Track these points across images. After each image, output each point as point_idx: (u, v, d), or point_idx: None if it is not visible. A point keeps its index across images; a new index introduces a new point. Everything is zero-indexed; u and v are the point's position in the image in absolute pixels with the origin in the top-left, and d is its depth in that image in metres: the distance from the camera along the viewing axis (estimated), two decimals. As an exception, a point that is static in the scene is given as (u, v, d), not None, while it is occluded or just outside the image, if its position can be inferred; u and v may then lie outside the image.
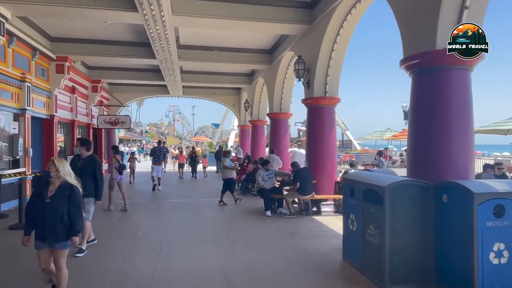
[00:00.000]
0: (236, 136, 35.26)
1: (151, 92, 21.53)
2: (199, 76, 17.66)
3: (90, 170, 5.64)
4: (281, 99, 13.42)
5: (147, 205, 10.16)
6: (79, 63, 14.84)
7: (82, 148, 5.86)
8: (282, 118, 13.62)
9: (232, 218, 8.45)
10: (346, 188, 5.21)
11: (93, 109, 17.71)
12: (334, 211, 8.90)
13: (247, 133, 22.55)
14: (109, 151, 20.63)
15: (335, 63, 8.90)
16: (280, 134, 13.59)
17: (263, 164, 9.23)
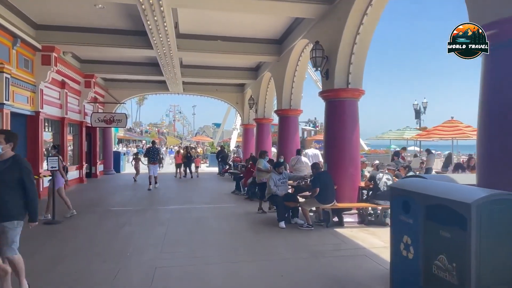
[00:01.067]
0: (239, 135, 33.97)
1: (150, 89, 20.30)
2: (200, 71, 16.41)
3: (13, 179, 3.76)
4: (290, 95, 12.17)
5: (142, 212, 8.91)
6: (70, 56, 13.60)
7: (3, 143, 3.81)
8: (292, 115, 12.36)
9: (240, 231, 7.19)
10: (397, 201, 3.96)
11: (87, 106, 16.46)
12: (358, 221, 7.65)
13: (250, 132, 21.32)
14: (105, 152, 19.47)
15: (360, 49, 7.64)
16: (290, 133, 12.33)
17: (276, 167, 7.97)
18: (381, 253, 5.55)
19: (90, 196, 11.74)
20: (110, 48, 11.68)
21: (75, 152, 15.24)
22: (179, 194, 12.22)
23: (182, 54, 12.46)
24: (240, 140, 37.85)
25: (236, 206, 9.91)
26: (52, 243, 6.24)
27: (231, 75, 16.86)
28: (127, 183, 15.62)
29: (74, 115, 14.77)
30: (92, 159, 17.44)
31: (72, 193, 12.45)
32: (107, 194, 12.21)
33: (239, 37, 11.92)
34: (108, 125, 16.80)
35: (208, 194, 12.13)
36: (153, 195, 12.04)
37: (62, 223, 7.63)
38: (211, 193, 12.41)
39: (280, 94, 12.34)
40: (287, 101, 12.23)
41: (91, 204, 10.15)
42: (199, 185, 14.86)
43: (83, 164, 15.46)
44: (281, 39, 11.92)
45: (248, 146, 20.98)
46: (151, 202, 10.61)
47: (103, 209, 9.39)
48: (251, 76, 16.88)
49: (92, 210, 9.16)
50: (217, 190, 13.20)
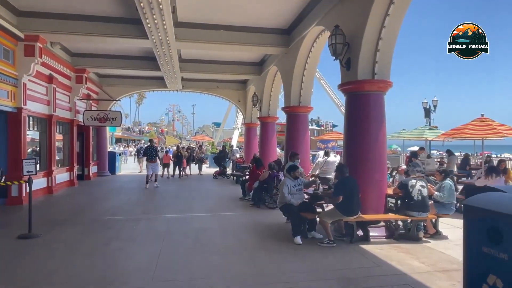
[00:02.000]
0: (240, 135, 32.83)
1: (147, 86, 19.17)
2: (200, 65, 15.28)
3: None
4: (300, 90, 11.04)
5: (134, 223, 7.78)
6: (58, 48, 12.45)
7: None
8: (301, 112, 11.24)
9: (248, 248, 6.06)
10: (477, 225, 2.85)
11: (78, 103, 15.34)
12: (385, 236, 6.53)
13: (253, 131, 20.23)
14: (99, 152, 18.33)
15: (389, 34, 6.53)
16: (299, 133, 11.21)
17: (290, 171, 6.82)
18: (429, 282, 4.44)
19: (78, 202, 10.62)
20: (101, 38, 10.54)
21: (65, 153, 14.11)
22: (178, 199, 11.09)
23: (180, 45, 11.34)
24: (242, 140, 36.72)
25: (241, 214, 8.78)
26: (20, 265, 5.12)
27: (233, 70, 15.72)
28: (121, 186, 14.50)
29: (64, 113, 13.64)
30: (84, 160, 16.32)
31: (60, 198, 11.36)
32: (97, 199, 11.08)
33: (244, 26, 10.81)
34: (101, 123, 15.68)
35: (211, 200, 11.00)
36: (149, 200, 10.92)
37: (40, 237, 6.51)
38: (214, 198, 11.28)
39: (288, 90, 11.21)
40: (296, 97, 11.11)
41: (77, 211, 9.02)
42: (200, 189, 13.73)
43: (74, 166, 14.33)
44: (290, 28, 10.79)
45: (251, 146, 19.86)
46: (146, 208, 9.48)
47: (90, 218, 8.26)
48: (254, 71, 15.74)
49: (77, 220, 8.03)
50: (219, 195, 12.07)
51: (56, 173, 12.46)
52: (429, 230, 6.67)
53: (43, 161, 11.96)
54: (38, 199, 10.72)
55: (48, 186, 12.00)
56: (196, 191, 13.07)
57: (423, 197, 6.29)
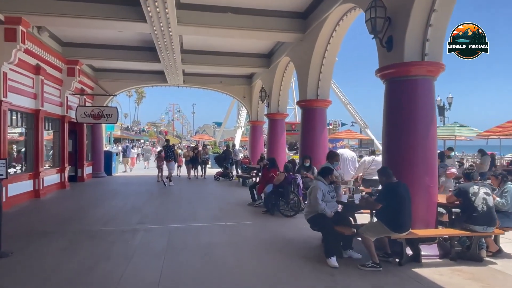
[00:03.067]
0: (243, 134, 31.59)
1: (146, 81, 17.89)
2: (203, 57, 14.00)
3: None
4: (318, 81, 9.79)
5: (130, 235, 6.52)
6: (47, 35, 11.19)
7: None
8: (320, 107, 9.97)
9: (271, 273, 4.80)
10: None
11: (71, 98, 14.07)
12: (439, 255, 5.27)
13: (259, 130, 18.97)
14: (95, 152, 17.07)
15: (444, 4, 5.26)
16: (316, 130, 9.94)
17: (325, 174, 5.52)
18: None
19: (67, 208, 9.35)
20: (93, 21, 9.24)
21: (55, 152, 12.85)
22: (179, 205, 9.82)
23: (183, 30, 10.07)
24: (246, 140, 35.38)
25: (254, 224, 7.52)
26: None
27: (240, 62, 14.43)
28: (117, 188, 13.24)
29: (54, 108, 12.37)
30: (78, 160, 15.06)
31: (47, 203, 10.10)
32: (89, 204, 9.82)
33: (254, 9, 9.57)
34: (96, 120, 14.43)
35: (216, 205, 9.73)
36: (147, 205, 9.65)
37: (11, 257, 5.23)
38: (220, 204, 10.01)
39: (304, 82, 9.95)
40: (313, 89, 9.85)
41: (64, 220, 7.75)
42: (203, 192, 12.46)
43: (65, 167, 13.05)
44: (308, 11, 9.53)
45: (256, 146, 18.60)
46: (143, 216, 8.21)
47: (78, 229, 6.99)
48: (262, 64, 14.46)
49: (61, 231, 6.76)
50: (225, 199, 10.80)
51: (44, 174, 11.20)
52: (491, 247, 5.42)
53: (29, 161, 10.70)
54: (22, 204, 9.47)
55: (35, 190, 10.74)
56: (199, 195, 11.80)
57: (489, 208, 5.03)
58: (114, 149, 31.60)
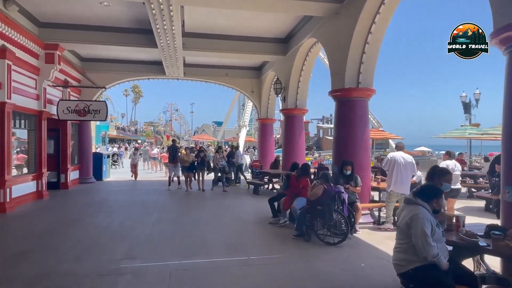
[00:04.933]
0: (249, 134, 29.36)
1: (141, 72, 15.68)
2: (208, 42, 11.78)
3: None
4: (360, 64, 7.63)
5: (112, 283, 4.34)
6: (15, 9, 9.00)
7: None
8: (360, 97, 7.81)
9: None
10: None
11: (51, 91, 11.87)
12: None
13: (269, 129, 16.85)
14: (82, 154, 14.86)
15: None
16: (357, 127, 7.77)
17: (433, 197, 3.29)
18: None
19: (33, 229, 7.12)
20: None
21: (30, 155, 10.64)
22: (181, 225, 7.64)
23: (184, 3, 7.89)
24: (250, 140, 33.23)
25: (288, 258, 5.33)
26: None
27: (251, 48, 12.19)
28: (105, 198, 11.04)
29: (27, 102, 10.16)
30: (61, 163, 12.86)
31: (10, 221, 7.86)
32: (65, 223, 7.60)
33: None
34: (81, 117, 12.22)
35: (228, 225, 7.55)
36: (139, 224, 7.43)
37: None
38: (232, 222, 7.82)
39: (343, 66, 7.78)
40: (353, 75, 7.68)
41: (18, 255, 5.51)
42: (209, 204, 10.28)
43: (43, 172, 10.84)
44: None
45: (266, 147, 16.50)
46: (133, 244, 6.01)
47: (32, 273, 4.76)
48: (278, 50, 12.26)
49: (11, 273, 4.57)
50: (238, 215, 8.62)
51: (12, 183, 9.00)
52: None
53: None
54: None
55: (0, 203, 8.56)
56: (205, 208, 9.61)
57: None
58: (109, 150, 29.44)
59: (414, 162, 7.16)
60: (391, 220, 7.07)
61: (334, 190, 6.15)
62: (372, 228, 7.17)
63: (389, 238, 6.43)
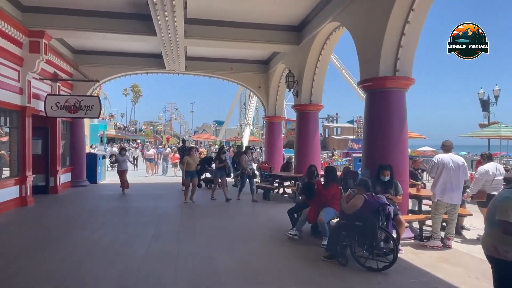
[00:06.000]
0: (252, 133, 28.09)
1: (139, 66, 14.45)
2: (213, 29, 10.53)
3: None
4: (397, 48, 6.39)
5: None
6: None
7: None
8: (398, 88, 6.58)
9: None
10: None
11: (37, 84, 10.66)
12: None
13: (277, 127, 15.64)
14: (74, 155, 13.64)
15: None
16: (393, 124, 6.53)
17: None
18: None
19: (3, 251, 5.84)
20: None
21: (12, 156, 9.41)
22: (184, 237, 6.41)
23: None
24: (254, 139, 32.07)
25: None
26: None
27: (260, 36, 10.90)
28: (97, 205, 9.77)
29: (8, 96, 8.94)
30: (50, 165, 11.63)
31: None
32: (43, 241, 6.29)
33: None
34: (71, 114, 10.99)
35: (238, 239, 6.30)
36: (134, 241, 6.19)
37: None
38: (245, 235, 6.59)
39: (374, 51, 6.55)
40: (390, 62, 6.45)
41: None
42: (212, 212, 9.05)
43: (27, 176, 9.60)
44: None
45: (274, 147, 15.30)
46: (123, 274, 4.75)
47: None
48: (290, 39, 11.00)
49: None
50: (247, 225, 7.41)
51: (-12, 189, 7.78)
52: None
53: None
54: None
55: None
56: (209, 218, 8.37)
57: None
58: (108, 150, 27.99)
59: (466, 165, 5.93)
60: (438, 236, 5.85)
61: (378, 202, 4.92)
62: (414, 245, 5.93)
63: (442, 260, 5.21)
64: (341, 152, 21.73)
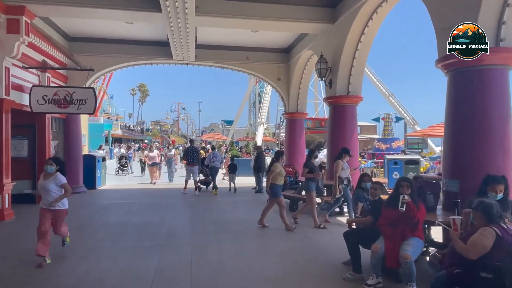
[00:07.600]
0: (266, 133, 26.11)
1: (144, 55, 12.67)
2: (229, 5, 8.68)
3: None
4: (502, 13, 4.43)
5: None
6: None
7: None
8: (495, 67, 4.61)
9: None
10: None
11: (20, 73, 8.92)
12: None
13: (299, 125, 13.76)
14: (69, 157, 11.84)
15: None
16: (493, 109, 4.59)
17: None
18: None
19: None
20: None
21: (-15, 160, 7.65)
22: (193, 262, 4.55)
23: None
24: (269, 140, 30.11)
25: None
26: None
27: (284, 13, 8.98)
28: (92, 219, 7.98)
29: (-22, 84, 7.18)
30: (37, 170, 9.87)
31: None
32: (9, 284, 4.53)
33: None
34: (61, 109, 9.22)
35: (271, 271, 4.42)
36: (135, 268, 4.35)
37: None
38: (281, 273, 4.70)
39: (473, 14, 4.60)
40: (492, 34, 4.50)
41: None
42: (239, 234, 7.17)
43: (4, 184, 7.84)
44: None
45: (296, 147, 13.47)
46: None
47: None
48: (323, 16, 9.07)
49: None
50: (287, 256, 5.51)
51: None
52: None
53: None
54: None
55: None
56: (234, 241, 6.49)
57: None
58: (115, 152, 26.19)
59: None
60: None
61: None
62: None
63: None
64: (366, 153, 19.67)
